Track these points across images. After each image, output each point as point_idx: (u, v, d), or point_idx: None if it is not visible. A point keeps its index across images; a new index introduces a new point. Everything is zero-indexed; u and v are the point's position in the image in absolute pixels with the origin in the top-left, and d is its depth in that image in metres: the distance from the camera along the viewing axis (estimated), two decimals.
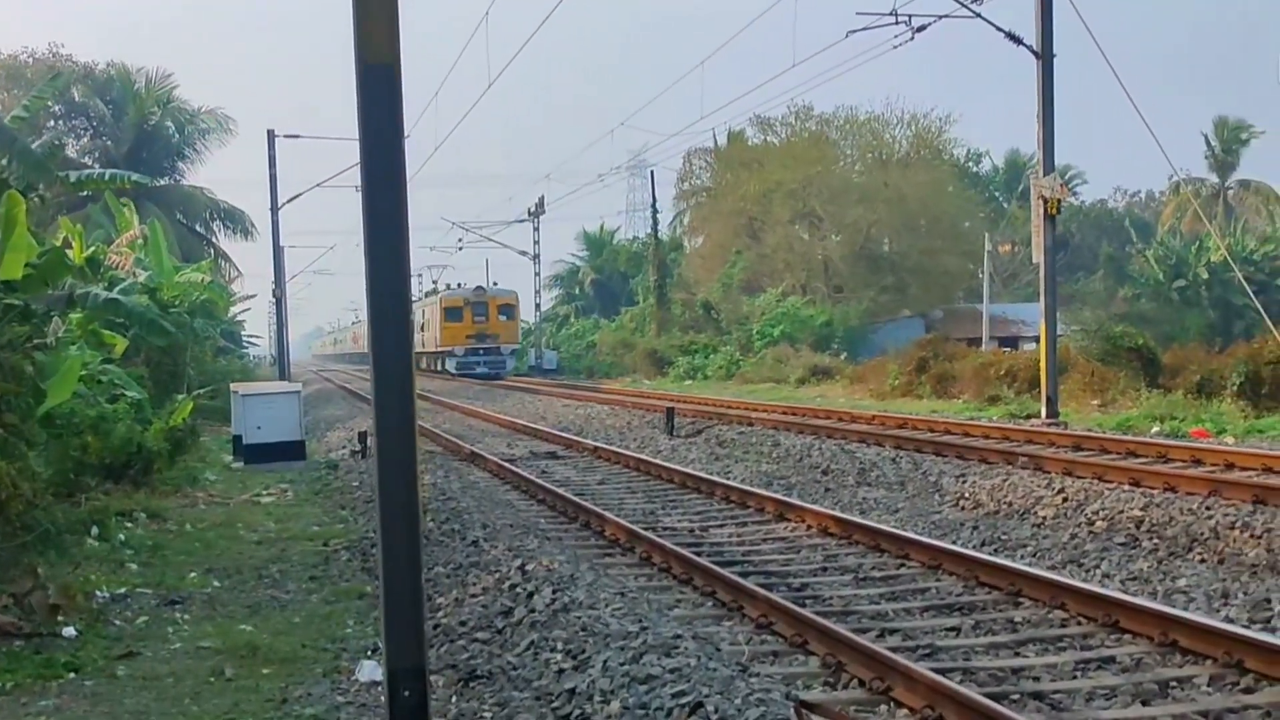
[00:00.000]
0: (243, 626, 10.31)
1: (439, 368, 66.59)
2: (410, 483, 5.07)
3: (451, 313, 64.25)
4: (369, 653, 9.16)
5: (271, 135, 45.54)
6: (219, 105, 66.21)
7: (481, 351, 63.66)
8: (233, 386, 28.56)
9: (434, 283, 77.24)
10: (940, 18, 24.33)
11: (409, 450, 5.06)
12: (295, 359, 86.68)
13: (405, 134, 5.47)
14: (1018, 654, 8.54)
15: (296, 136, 47.49)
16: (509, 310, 65.59)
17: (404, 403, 5.04)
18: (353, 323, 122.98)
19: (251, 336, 71.68)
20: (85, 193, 36.68)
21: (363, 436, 23.64)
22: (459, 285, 69.96)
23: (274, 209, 45.82)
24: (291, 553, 13.89)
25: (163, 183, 52.97)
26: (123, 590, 11.56)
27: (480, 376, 61.12)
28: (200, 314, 33.14)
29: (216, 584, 12.14)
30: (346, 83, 5.34)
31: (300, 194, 58.03)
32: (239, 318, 57.63)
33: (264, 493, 19.26)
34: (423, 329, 68.00)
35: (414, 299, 68.79)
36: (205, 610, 10.99)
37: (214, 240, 56.42)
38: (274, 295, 48.95)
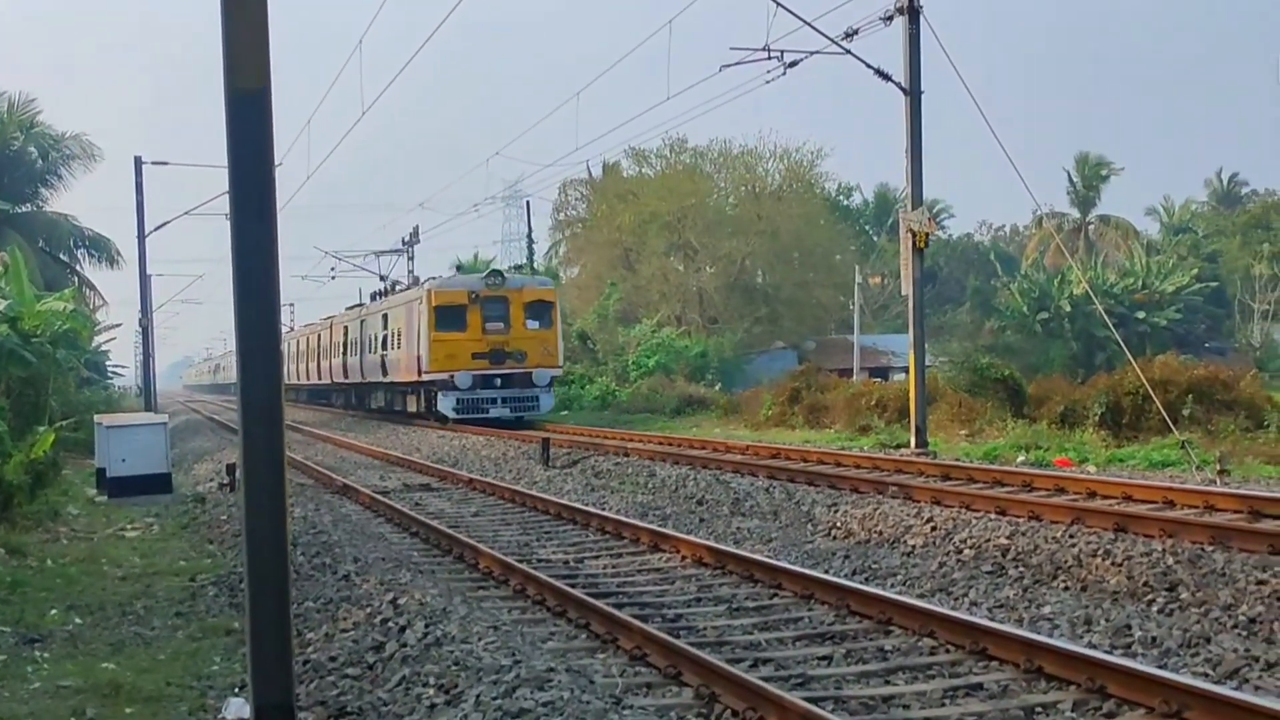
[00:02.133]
0: (105, 665, 10.03)
1: (417, 408, 41.93)
2: (278, 516, 4.99)
3: (447, 315, 38.23)
4: (236, 690, 8.97)
5: (139, 162, 44.73)
6: (84, 131, 63.25)
7: (499, 382, 37.96)
8: (97, 418, 27.83)
9: (383, 279, 53.66)
10: (811, 54, 24.72)
11: (277, 482, 4.98)
12: (163, 389, 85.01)
13: (276, 162, 5.41)
14: (888, 682, 8.63)
15: (165, 163, 46.63)
16: (543, 311, 39.36)
17: (272, 434, 4.97)
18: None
19: (117, 366, 69.91)
20: None
21: (231, 469, 23.18)
22: (455, 270, 47.37)
23: (141, 236, 44.97)
24: (157, 588, 13.55)
25: (24, 209, 51.62)
26: None
27: (496, 423, 37.20)
28: (63, 344, 32.27)
29: (78, 621, 11.80)
30: (219, 109, 5.27)
31: (168, 221, 56.04)
32: (104, 347, 56.22)
33: (129, 527, 18.79)
34: (385, 346, 44.57)
35: (354, 306, 52.57)
36: (66, 648, 10.67)
37: (78, 268, 54.99)
38: (140, 324, 47.91)
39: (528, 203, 71.30)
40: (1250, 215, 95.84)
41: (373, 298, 52.34)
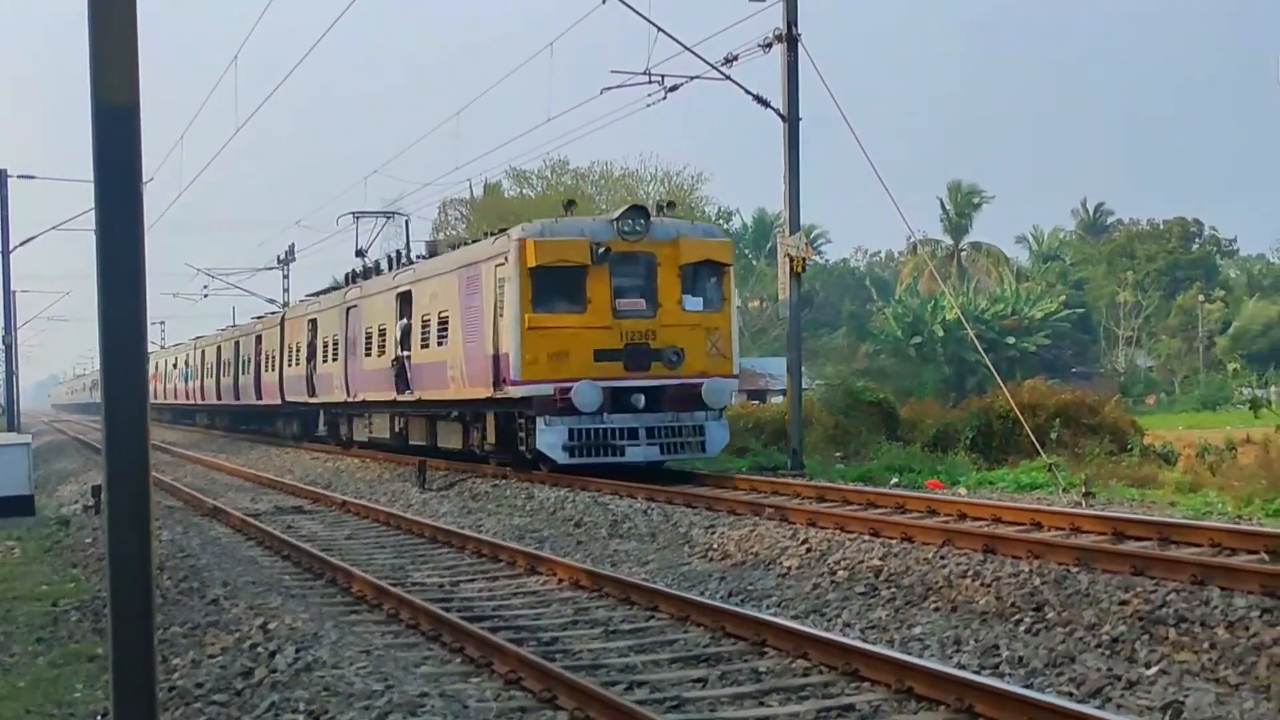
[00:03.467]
0: None
1: (479, 441, 25.96)
2: (143, 539, 4.87)
3: (552, 283, 23.17)
4: (99, 718, 8.74)
5: (3, 175, 43.72)
6: None
7: (642, 400, 22.88)
8: None
9: (388, 257, 35.36)
10: (692, 78, 24.88)
11: (142, 504, 4.87)
12: (29, 408, 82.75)
13: (146, 178, 5.31)
14: (762, 703, 8.68)
15: (31, 177, 45.69)
16: (711, 279, 24.23)
17: (137, 454, 4.85)
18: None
19: None
20: None
21: (96, 490, 22.63)
22: (568, 210, 26.48)
23: (5, 252, 43.95)
24: (17, 613, 13.15)
25: None
26: None
27: (630, 465, 22.90)
28: None
29: None
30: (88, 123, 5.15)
31: (34, 237, 55.19)
32: None
33: None
34: (414, 341, 28.61)
35: (358, 283, 33.99)
36: None
37: None
38: (4, 342, 46.71)
39: (407, 222, 70.51)
40: (1115, 244, 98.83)
41: (350, 279, 36.91)
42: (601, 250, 22.71)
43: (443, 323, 26.64)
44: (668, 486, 20.38)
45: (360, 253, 38.78)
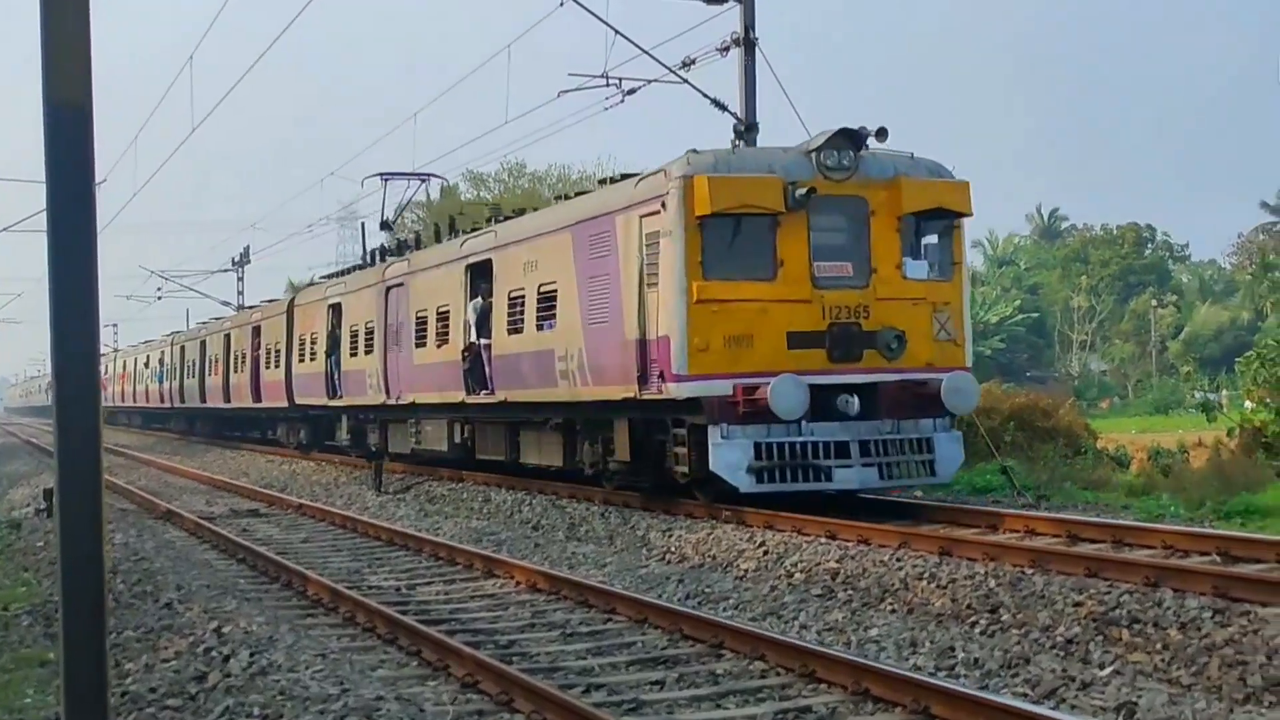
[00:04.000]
0: None
1: (599, 459, 19.72)
2: (95, 542, 4.83)
3: (726, 239, 16.69)
4: None
5: None
6: None
7: (856, 404, 16.49)
8: None
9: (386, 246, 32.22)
10: (649, 82, 24.87)
11: (94, 506, 4.83)
12: None
13: (99, 179, 5.27)
14: (719, 705, 8.68)
15: None
16: (942, 232, 17.87)
17: (90, 456, 4.81)
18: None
19: None
20: None
21: (48, 494, 22.40)
22: (740, 136, 22.20)
23: None
24: None
25: None
26: None
27: (838, 492, 16.79)
28: None
29: None
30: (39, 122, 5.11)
31: None
32: None
33: None
34: (497, 326, 22.36)
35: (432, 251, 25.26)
36: None
37: None
38: None
39: (363, 224, 70.16)
40: (1069, 249, 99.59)
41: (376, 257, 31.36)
42: (801, 192, 16.35)
43: (546, 299, 20.26)
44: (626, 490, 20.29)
45: (386, 224, 33.77)
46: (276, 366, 36.67)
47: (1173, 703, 8.32)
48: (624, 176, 19.20)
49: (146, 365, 62.69)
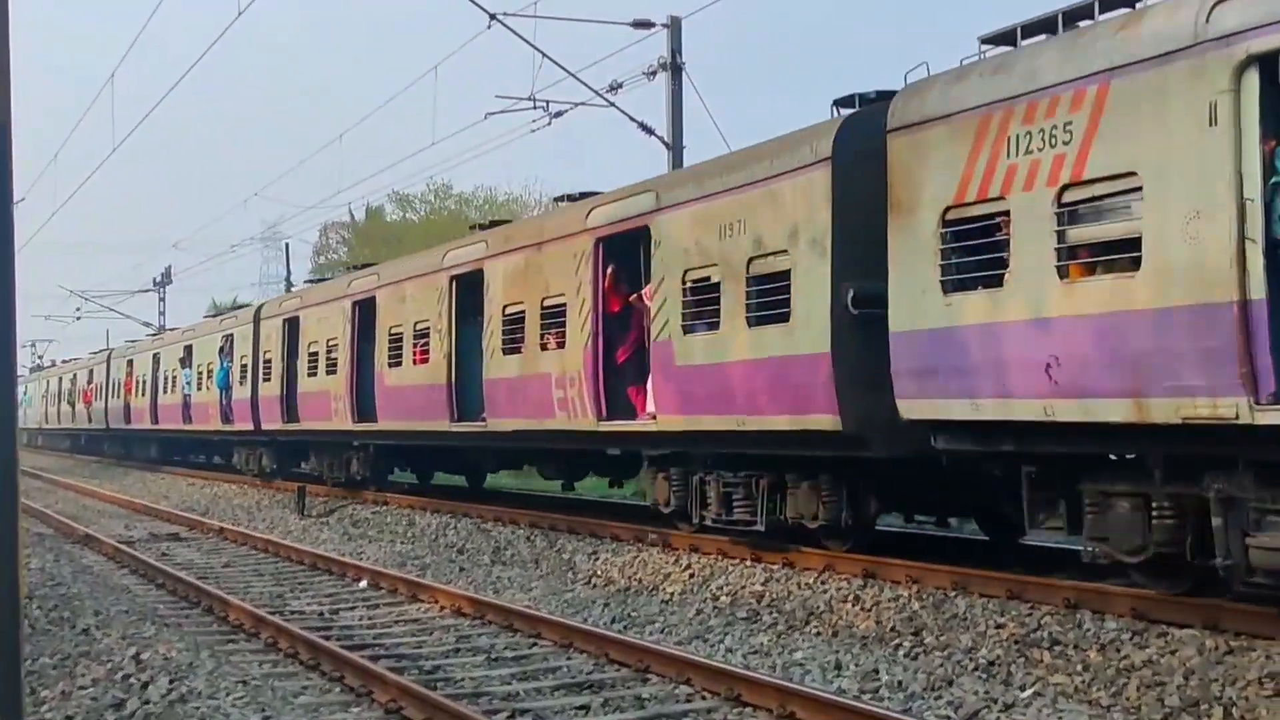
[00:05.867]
0: None
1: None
2: (10, 567, 4.75)
3: None
4: None
5: None
6: None
7: None
8: None
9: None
10: (577, 105, 24.95)
11: (9, 531, 4.74)
12: None
13: (17, 197, 5.19)
14: None
15: None
16: None
17: (4, 477, 4.73)
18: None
19: None
20: None
21: None
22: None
23: None
24: None
25: None
26: None
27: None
28: None
29: None
30: None
31: None
32: None
33: None
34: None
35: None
36: None
37: None
38: None
39: (287, 245, 69.58)
40: None
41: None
42: None
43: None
44: (550, 513, 20.21)
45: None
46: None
47: None
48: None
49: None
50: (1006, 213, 10.51)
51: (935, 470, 12.60)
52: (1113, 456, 10.63)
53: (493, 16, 21.91)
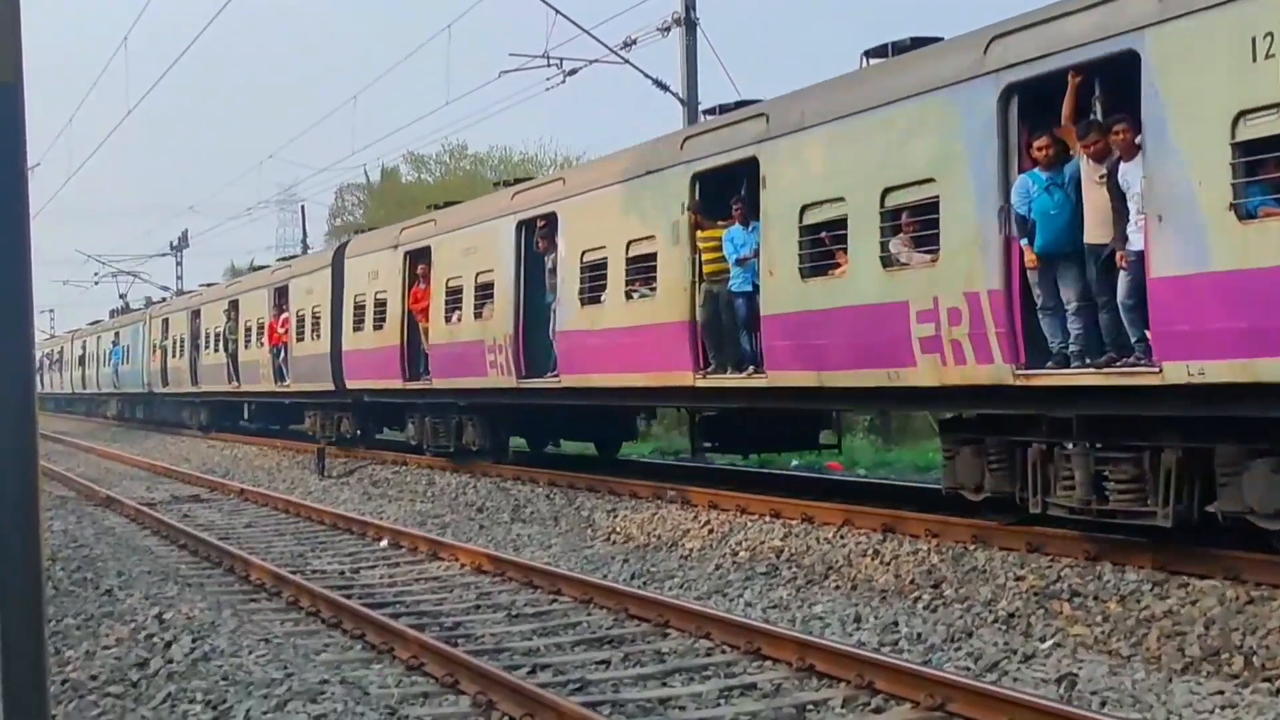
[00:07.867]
0: None
1: None
2: (31, 528, 4.75)
3: None
4: None
5: None
6: None
7: None
8: None
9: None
10: (591, 62, 24.85)
11: (30, 493, 4.75)
12: None
13: (33, 161, 5.18)
14: (665, 684, 8.70)
15: None
16: None
17: (23, 440, 4.73)
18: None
19: None
20: None
21: None
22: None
23: None
24: None
25: None
26: None
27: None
28: None
29: None
30: None
31: None
32: None
33: None
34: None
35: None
36: None
37: None
38: None
39: (303, 207, 69.50)
40: None
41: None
42: None
43: None
44: (570, 471, 20.24)
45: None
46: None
47: (1113, 674, 8.42)
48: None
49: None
50: None
51: None
52: None
53: None
